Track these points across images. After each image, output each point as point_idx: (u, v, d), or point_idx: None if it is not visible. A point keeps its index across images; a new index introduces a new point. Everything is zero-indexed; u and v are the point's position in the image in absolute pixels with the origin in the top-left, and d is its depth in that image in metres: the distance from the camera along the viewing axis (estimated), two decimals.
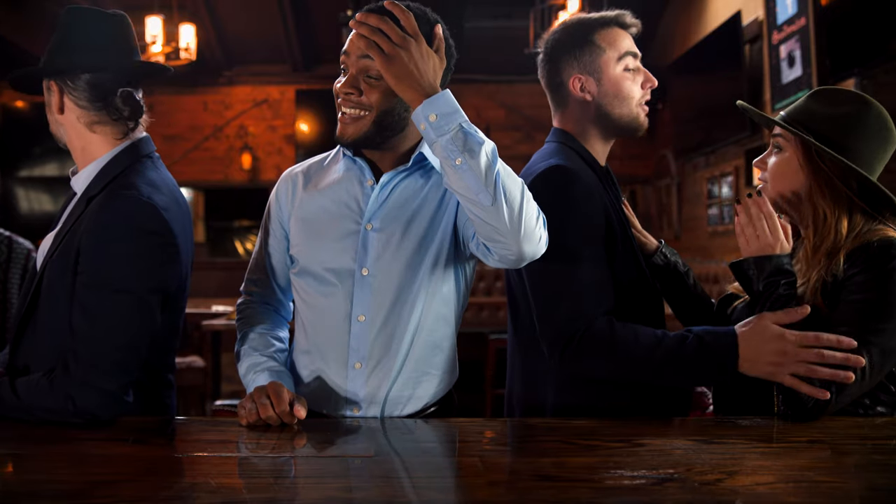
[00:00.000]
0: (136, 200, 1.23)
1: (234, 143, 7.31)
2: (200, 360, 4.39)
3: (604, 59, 1.45)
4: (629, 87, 1.46)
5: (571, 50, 1.47)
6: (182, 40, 5.36)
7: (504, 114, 7.19)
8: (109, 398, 1.19)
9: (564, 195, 1.35)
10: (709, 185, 5.52)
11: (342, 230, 1.33)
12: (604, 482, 0.93)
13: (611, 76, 1.45)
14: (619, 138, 1.54)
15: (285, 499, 0.88)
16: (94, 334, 1.19)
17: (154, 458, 1.06)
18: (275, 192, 1.43)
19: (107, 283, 1.20)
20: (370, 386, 1.31)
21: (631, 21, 1.48)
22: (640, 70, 1.48)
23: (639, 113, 1.47)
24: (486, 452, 1.11)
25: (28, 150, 6.73)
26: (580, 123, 1.49)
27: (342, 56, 1.30)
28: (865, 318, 1.24)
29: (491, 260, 1.22)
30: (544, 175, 1.37)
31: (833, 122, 1.33)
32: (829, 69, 3.95)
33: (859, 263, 1.27)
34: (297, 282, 1.38)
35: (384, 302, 1.31)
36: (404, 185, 1.34)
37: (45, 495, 0.89)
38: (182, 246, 1.29)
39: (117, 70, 1.32)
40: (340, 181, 1.36)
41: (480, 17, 6.18)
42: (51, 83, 1.31)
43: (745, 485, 0.92)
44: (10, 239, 2.37)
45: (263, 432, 1.17)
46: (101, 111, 1.31)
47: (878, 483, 0.95)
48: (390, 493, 0.92)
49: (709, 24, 5.36)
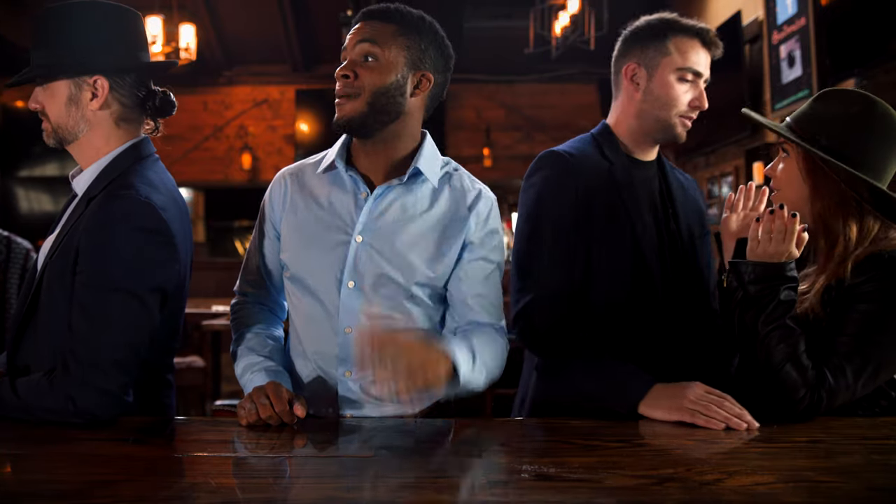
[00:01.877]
0: (134, 200, 1.23)
1: (234, 143, 7.30)
2: (200, 360, 4.39)
3: (665, 61, 1.47)
4: (675, 96, 1.47)
5: (643, 40, 1.49)
6: (182, 40, 5.36)
7: (504, 114, 7.18)
8: (109, 398, 1.19)
9: (544, 175, 1.47)
10: (709, 185, 5.52)
11: (331, 241, 1.32)
12: (604, 482, 0.93)
13: (663, 78, 1.47)
14: (656, 142, 1.56)
15: (285, 499, 0.88)
16: (93, 334, 1.19)
17: (154, 458, 1.06)
18: (268, 193, 1.43)
19: (105, 282, 1.20)
20: (361, 392, 1.33)
21: (715, 41, 1.49)
22: (697, 88, 1.49)
23: (676, 123, 1.49)
24: (486, 452, 1.11)
25: (28, 150, 6.72)
26: (623, 114, 1.53)
27: (342, 52, 1.32)
28: (865, 329, 1.24)
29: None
30: (538, 159, 1.50)
31: (839, 125, 1.31)
32: (829, 69, 3.94)
33: (868, 272, 1.26)
34: (289, 286, 1.38)
35: (372, 314, 1.31)
36: (397, 199, 1.34)
37: (45, 495, 0.89)
38: (180, 245, 1.29)
39: (145, 68, 1.35)
40: (334, 191, 1.36)
41: (480, 17, 6.18)
42: (97, 78, 1.30)
43: (745, 485, 0.92)
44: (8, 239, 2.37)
45: (263, 432, 1.17)
46: (137, 108, 1.35)
47: (878, 483, 0.95)
48: (390, 493, 0.92)
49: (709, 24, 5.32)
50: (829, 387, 1.22)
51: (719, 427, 1.19)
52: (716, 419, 1.19)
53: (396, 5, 1.31)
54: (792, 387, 1.22)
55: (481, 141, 7.19)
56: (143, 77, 1.36)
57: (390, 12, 1.30)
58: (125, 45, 1.32)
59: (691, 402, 1.22)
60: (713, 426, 1.19)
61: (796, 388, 1.22)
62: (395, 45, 1.28)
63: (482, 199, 1.37)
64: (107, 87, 1.30)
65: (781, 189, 1.40)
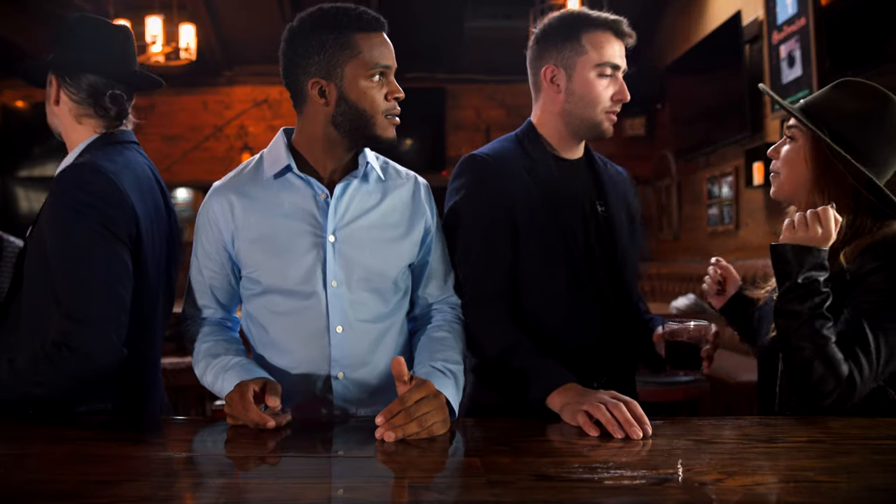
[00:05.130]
0: (81, 167, 1.32)
1: (234, 143, 7.29)
2: None
3: (582, 60, 1.46)
4: (597, 93, 1.46)
5: (556, 40, 1.48)
6: (182, 40, 5.36)
7: (504, 114, 7.17)
8: (105, 339, 1.21)
9: (464, 182, 1.48)
10: (709, 185, 5.51)
11: (304, 245, 1.32)
12: (604, 482, 0.93)
13: (582, 77, 1.46)
14: (583, 139, 1.56)
15: (285, 498, 0.88)
16: (74, 295, 1.22)
17: (154, 458, 1.06)
18: (207, 216, 1.37)
19: (69, 241, 1.25)
20: (355, 391, 1.33)
21: (627, 31, 1.47)
22: (617, 81, 1.47)
23: (602, 120, 1.48)
24: (486, 452, 1.11)
25: (28, 150, 6.71)
26: (548, 114, 1.52)
27: (381, 69, 1.30)
28: (879, 315, 1.24)
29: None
30: (458, 164, 1.51)
31: (852, 117, 1.31)
32: (829, 69, 3.94)
33: (872, 261, 1.26)
34: (262, 301, 1.35)
35: (359, 310, 1.33)
36: (357, 194, 1.36)
37: (45, 495, 0.89)
38: (136, 201, 1.33)
39: (112, 75, 1.45)
40: (288, 196, 1.34)
41: (480, 17, 6.17)
42: (52, 77, 1.46)
43: (745, 485, 0.92)
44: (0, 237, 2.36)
45: (263, 432, 1.17)
46: (90, 107, 1.44)
47: (878, 483, 0.95)
48: (390, 493, 0.92)
49: (709, 24, 5.36)
50: (853, 378, 1.22)
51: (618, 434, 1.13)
52: (613, 423, 1.14)
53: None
54: (821, 378, 1.22)
55: (481, 141, 7.17)
56: (106, 83, 1.44)
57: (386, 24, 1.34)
58: (75, 49, 1.43)
59: (596, 402, 1.18)
60: (611, 429, 1.13)
61: (826, 380, 1.22)
62: None
63: (423, 184, 1.46)
64: (55, 84, 1.45)
65: (781, 172, 1.40)
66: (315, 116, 1.33)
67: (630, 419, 1.13)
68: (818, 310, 1.25)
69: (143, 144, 1.51)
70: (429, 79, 6.95)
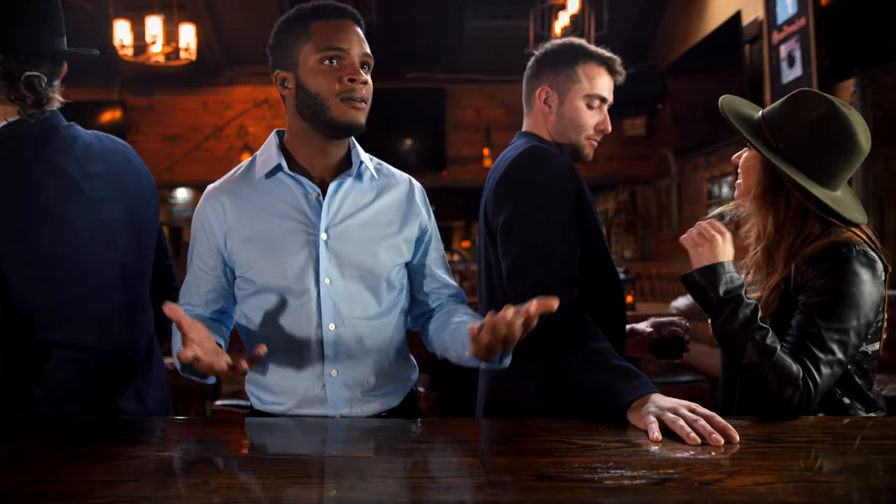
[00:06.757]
0: None
1: (234, 143, 7.30)
2: None
3: (576, 88, 1.57)
4: (584, 120, 1.58)
5: (555, 65, 1.59)
6: (182, 40, 5.36)
7: (504, 114, 7.18)
8: None
9: (542, 169, 1.46)
10: (709, 185, 5.52)
11: (297, 244, 1.32)
12: (604, 482, 0.93)
13: (573, 103, 1.57)
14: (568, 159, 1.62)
15: (285, 498, 0.88)
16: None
17: (154, 459, 1.06)
18: (201, 219, 1.37)
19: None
20: (346, 389, 1.34)
21: (619, 69, 1.60)
22: (602, 113, 1.60)
23: (584, 145, 1.60)
24: (485, 452, 1.11)
25: None
26: (539, 129, 1.62)
27: (338, 52, 1.28)
28: (828, 313, 1.26)
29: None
30: (523, 154, 1.48)
31: (800, 130, 1.35)
32: (829, 69, 3.95)
33: (821, 264, 1.29)
34: (256, 301, 1.35)
35: (352, 308, 1.34)
36: (352, 192, 1.37)
37: (45, 495, 0.89)
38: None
39: (26, 51, 1.25)
40: (280, 196, 1.34)
41: (480, 17, 6.17)
42: None
43: (745, 485, 0.92)
44: None
45: (263, 432, 1.17)
46: (2, 91, 1.25)
47: (878, 483, 0.95)
48: (390, 493, 0.93)
49: (709, 24, 5.36)
50: (812, 377, 1.23)
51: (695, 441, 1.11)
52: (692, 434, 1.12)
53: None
54: (778, 387, 1.22)
55: (481, 141, 7.19)
56: (21, 62, 1.25)
57: (358, 16, 1.34)
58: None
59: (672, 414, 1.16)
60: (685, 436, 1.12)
61: (783, 386, 1.22)
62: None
63: (417, 187, 1.47)
64: None
65: (742, 178, 1.46)
66: (288, 110, 1.35)
67: (711, 429, 1.12)
68: (753, 322, 1.27)
69: (143, 144, 1.50)
70: (429, 79, 6.96)
